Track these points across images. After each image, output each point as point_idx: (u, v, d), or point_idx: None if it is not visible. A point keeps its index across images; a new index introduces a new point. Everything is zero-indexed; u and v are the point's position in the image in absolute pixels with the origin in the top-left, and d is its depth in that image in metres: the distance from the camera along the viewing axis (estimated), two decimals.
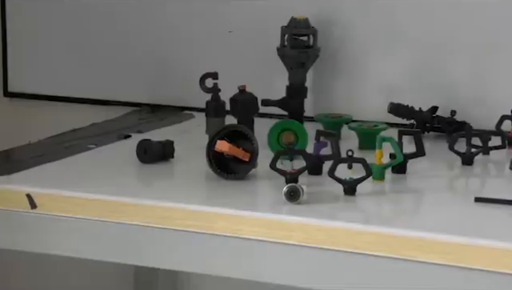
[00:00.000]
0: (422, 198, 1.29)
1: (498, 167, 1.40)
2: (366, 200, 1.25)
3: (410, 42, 1.62)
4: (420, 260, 1.11)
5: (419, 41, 1.61)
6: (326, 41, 1.63)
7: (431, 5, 1.59)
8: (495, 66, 1.57)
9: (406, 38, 1.62)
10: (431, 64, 1.61)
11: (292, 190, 1.22)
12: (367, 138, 1.46)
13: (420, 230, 1.13)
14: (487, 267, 1.09)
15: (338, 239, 1.15)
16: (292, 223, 1.18)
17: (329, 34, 1.64)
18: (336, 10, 1.64)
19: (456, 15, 1.58)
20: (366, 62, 1.64)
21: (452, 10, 1.58)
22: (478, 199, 1.22)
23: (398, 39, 1.62)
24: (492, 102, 1.56)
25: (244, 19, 1.71)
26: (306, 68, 1.60)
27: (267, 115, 1.60)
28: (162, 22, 1.77)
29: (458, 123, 1.52)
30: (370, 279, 1.15)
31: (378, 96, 1.62)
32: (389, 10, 1.62)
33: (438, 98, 1.58)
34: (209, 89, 1.48)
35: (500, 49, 1.56)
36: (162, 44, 1.77)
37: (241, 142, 1.33)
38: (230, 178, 1.31)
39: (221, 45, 1.73)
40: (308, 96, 1.61)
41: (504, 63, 1.56)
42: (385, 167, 1.32)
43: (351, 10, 1.64)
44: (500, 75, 1.57)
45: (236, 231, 1.20)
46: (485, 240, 1.10)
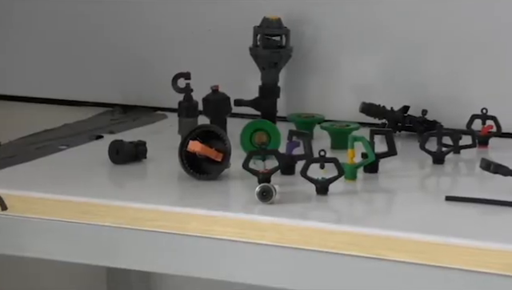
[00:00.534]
0: (393, 197, 1.30)
1: (469, 166, 1.42)
2: (339, 200, 1.25)
3: (381, 42, 1.63)
4: (392, 259, 1.12)
5: (391, 41, 1.62)
6: (299, 41, 1.64)
7: (403, 5, 1.60)
8: (466, 65, 1.58)
9: (377, 38, 1.63)
10: (403, 64, 1.62)
11: (264, 190, 1.22)
12: (339, 137, 1.46)
13: (392, 229, 1.14)
14: (459, 266, 1.10)
15: (310, 239, 1.16)
16: (264, 223, 1.18)
17: (301, 34, 1.64)
18: (308, 10, 1.65)
19: (427, 15, 1.59)
20: (339, 62, 1.65)
21: (424, 9, 1.59)
22: (449, 198, 1.23)
23: (370, 39, 1.63)
24: (462, 102, 1.57)
25: (216, 19, 1.71)
26: (278, 68, 1.60)
27: (240, 115, 1.60)
28: (135, 22, 1.76)
29: (429, 123, 1.53)
30: (343, 279, 1.15)
31: (350, 96, 1.63)
32: (361, 10, 1.63)
33: (410, 97, 1.59)
34: (181, 89, 1.48)
35: (471, 48, 1.57)
36: (134, 44, 1.76)
37: (213, 142, 1.32)
38: (202, 178, 1.31)
39: (193, 45, 1.72)
40: (281, 96, 1.62)
41: (474, 63, 1.58)
42: (357, 167, 1.32)
43: (323, 10, 1.64)
44: (470, 75, 1.58)
45: (208, 232, 1.20)
46: (456, 239, 1.10)
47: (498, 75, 1.56)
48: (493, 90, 1.56)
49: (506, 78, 1.56)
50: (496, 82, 1.57)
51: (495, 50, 1.56)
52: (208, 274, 1.22)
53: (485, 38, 1.56)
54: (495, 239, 1.10)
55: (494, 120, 1.49)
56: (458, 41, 1.58)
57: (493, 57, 1.56)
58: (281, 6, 1.64)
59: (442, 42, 1.59)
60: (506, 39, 1.55)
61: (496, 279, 1.08)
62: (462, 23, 1.57)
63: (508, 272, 1.07)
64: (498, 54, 1.56)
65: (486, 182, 1.32)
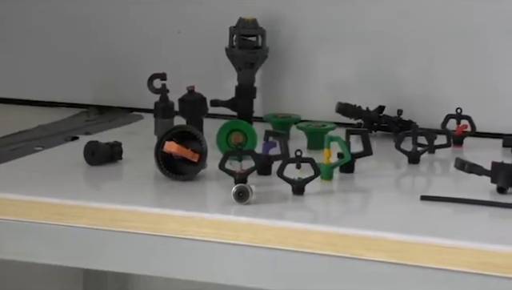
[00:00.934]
0: (369, 197, 1.31)
1: (444, 166, 1.43)
2: (315, 200, 1.26)
3: (357, 42, 1.63)
4: (367, 259, 1.12)
5: (367, 41, 1.63)
6: (275, 41, 1.64)
7: (379, 5, 1.61)
8: (441, 66, 1.59)
9: (353, 38, 1.63)
10: (378, 64, 1.62)
11: (241, 190, 1.22)
12: (315, 137, 1.47)
13: (367, 229, 1.15)
14: (434, 265, 1.10)
15: (286, 239, 1.16)
16: (241, 224, 1.18)
17: (277, 34, 1.65)
18: (284, 11, 1.65)
19: (403, 15, 1.60)
20: (315, 62, 1.66)
21: (399, 10, 1.60)
22: (424, 198, 1.24)
23: (346, 39, 1.64)
24: (437, 102, 1.58)
25: (193, 20, 1.70)
26: (254, 68, 1.61)
27: (216, 116, 1.60)
28: (110, 23, 1.75)
29: (404, 122, 1.54)
30: (319, 279, 1.16)
31: (327, 96, 1.63)
32: (336, 10, 1.63)
33: (385, 97, 1.59)
34: (157, 90, 1.48)
35: (445, 49, 1.59)
36: (110, 45, 1.76)
37: (189, 142, 1.32)
38: (178, 179, 1.31)
39: (169, 45, 1.72)
40: (257, 96, 1.62)
41: (449, 63, 1.59)
42: (333, 167, 1.33)
43: (299, 10, 1.65)
44: (445, 75, 1.59)
45: (184, 233, 1.19)
46: (431, 238, 1.11)
47: (473, 75, 1.58)
48: (467, 90, 1.58)
49: (480, 78, 1.57)
50: (470, 82, 1.58)
51: (470, 51, 1.57)
52: (184, 275, 1.22)
53: (459, 38, 1.57)
54: (470, 238, 1.11)
55: (469, 120, 1.50)
56: (433, 41, 1.59)
57: (467, 57, 1.57)
58: (256, 6, 1.64)
59: (417, 42, 1.60)
60: (480, 40, 1.57)
61: (470, 277, 1.09)
62: (437, 24, 1.58)
63: (482, 271, 1.08)
64: (472, 55, 1.57)
65: (460, 181, 1.33)
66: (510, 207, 1.21)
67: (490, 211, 1.20)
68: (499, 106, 1.56)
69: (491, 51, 1.56)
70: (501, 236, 1.13)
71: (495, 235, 1.14)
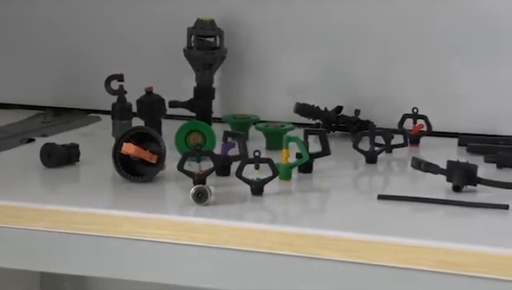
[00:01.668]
0: (327, 196, 1.32)
1: (401, 165, 1.44)
2: (273, 200, 1.26)
3: (315, 42, 1.64)
4: (325, 258, 1.13)
5: (325, 42, 1.63)
6: (233, 42, 1.64)
7: (337, 6, 1.62)
8: (397, 66, 1.61)
9: (311, 38, 1.64)
10: (336, 64, 1.63)
11: (199, 191, 1.22)
12: (274, 138, 1.47)
13: (325, 228, 1.15)
14: (391, 264, 1.11)
15: (244, 240, 1.16)
16: (199, 225, 1.18)
17: (235, 34, 1.65)
18: (242, 11, 1.65)
19: (360, 16, 1.61)
20: (273, 63, 1.66)
21: (357, 10, 1.61)
22: (381, 197, 1.25)
23: (304, 40, 1.64)
24: (394, 102, 1.59)
25: (150, 20, 1.70)
26: (213, 69, 1.60)
27: (175, 117, 1.59)
28: (67, 23, 1.74)
29: (362, 122, 1.55)
30: (277, 279, 1.16)
31: (285, 96, 1.64)
32: (294, 11, 1.64)
33: (343, 97, 1.60)
34: (114, 91, 1.47)
35: (402, 49, 1.60)
36: (67, 45, 1.74)
37: (148, 144, 1.32)
38: (136, 180, 1.30)
39: (127, 46, 1.71)
40: (216, 97, 1.62)
41: (405, 63, 1.60)
42: (291, 167, 1.33)
43: (257, 11, 1.65)
44: (402, 75, 1.60)
45: (143, 234, 1.19)
46: (388, 237, 1.12)
47: (429, 75, 1.59)
48: (423, 90, 1.59)
49: (435, 77, 1.59)
50: (426, 82, 1.59)
51: (426, 51, 1.59)
52: (142, 276, 1.21)
53: (415, 38, 1.59)
54: (426, 237, 1.12)
55: (425, 119, 1.51)
56: (390, 41, 1.60)
57: (423, 57, 1.59)
58: (214, 7, 1.64)
59: (374, 42, 1.61)
60: (436, 40, 1.58)
61: (427, 275, 1.10)
62: (393, 24, 1.60)
63: (439, 269, 1.10)
64: (428, 55, 1.59)
65: (417, 180, 1.34)
66: (465, 205, 1.22)
67: (446, 210, 1.22)
68: (455, 106, 1.58)
69: (447, 52, 1.58)
70: (457, 234, 1.14)
71: (451, 233, 1.15)
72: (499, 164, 1.39)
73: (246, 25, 1.66)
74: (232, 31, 1.64)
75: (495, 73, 1.56)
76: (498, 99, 1.56)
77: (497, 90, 1.56)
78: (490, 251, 1.08)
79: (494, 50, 1.55)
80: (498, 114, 1.56)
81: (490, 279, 1.07)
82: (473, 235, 1.14)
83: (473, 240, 1.11)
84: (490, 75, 1.56)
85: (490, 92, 1.56)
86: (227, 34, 1.61)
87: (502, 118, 1.55)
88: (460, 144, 1.50)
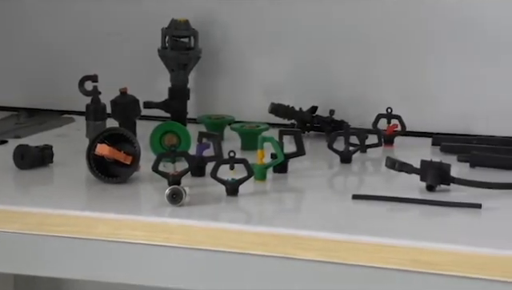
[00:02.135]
0: (302, 196, 1.32)
1: (375, 165, 1.45)
2: (248, 200, 1.26)
3: (290, 43, 1.64)
4: (300, 258, 1.13)
5: (299, 42, 1.64)
6: (208, 42, 1.64)
7: (312, 6, 1.62)
8: (371, 66, 1.61)
9: (286, 39, 1.64)
10: (311, 64, 1.64)
11: (174, 192, 1.22)
12: (249, 138, 1.47)
13: (300, 228, 1.15)
14: (365, 263, 1.12)
15: (219, 240, 1.16)
16: (174, 226, 1.18)
17: (210, 35, 1.65)
18: (216, 12, 1.65)
19: (335, 16, 1.62)
20: (248, 63, 1.66)
21: (332, 11, 1.62)
22: (356, 197, 1.26)
23: (279, 40, 1.65)
24: (368, 102, 1.60)
25: (125, 21, 1.69)
26: (187, 70, 1.60)
27: (150, 118, 1.59)
28: (40, 23, 1.73)
29: (336, 122, 1.55)
30: (252, 279, 1.16)
31: (260, 97, 1.64)
32: (269, 11, 1.64)
33: (318, 98, 1.61)
34: (88, 92, 1.46)
35: (376, 50, 1.61)
36: (40, 46, 1.73)
37: (122, 145, 1.31)
38: (111, 181, 1.30)
39: (101, 47, 1.70)
40: (191, 98, 1.62)
41: (379, 63, 1.61)
42: (266, 167, 1.33)
43: (232, 11, 1.65)
44: (376, 75, 1.61)
45: (117, 236, 1.18)
46: (362, 237, 1.13)
47: (403, 75, 1.60)
48: (397, 90, 1.60)
49: (409, 78, 1.60)
50: (400, 82, 1.60)
51: (399, 51, 1.60)
52: (117, 278, 1.21)
53: (389, 39, 1.60)
54: (400, 236, 1.12)
55: (399, 119, 1.52)
56: (364, 42, 1.61)
57: (397, 58, 1.60)
58: (189, 7, 1.64)
59: (348, 43, 1.62)
60: (410, 40, 1.59)
61: (402, 275, 1.11)
62: (367, 25, 1.60)
63: (413, 268, 1.10)
64: (402, 55, 1.60)
65: (391, 180, 1.35)
66: (438, 204, 1.23)
67: (420, 209, 1.23)
68: (429, 106, 1.59)
69: (421, 52, 1.59)
70: (431, 234, 1.15)
71: (425, 232, 1.16)
72: (472, 163, 1.40)
73: (220, 25, 1.65)
74: (206, 31, 1.63)
75: (469, 73, 1.57)
76: (472, 99, 1.57)
77: (470, 91, 1.57)
78: (464, 249, 1.09)
79: (467, 50, 1.56)
80: (471, 114, 1.57)
81: (464, 277, 1.08)
82: (446, 234, 1.14)
83: (446, 239, 1.11)
84: (464, 75, 1.57)
85: (464, 92, 1.57)
86: (201, 34, 1.61)
87: (475, 118, 1.57)
88: (434, 144, 1.51)
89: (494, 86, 1.56)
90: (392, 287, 1.11)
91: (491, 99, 1.56)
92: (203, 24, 1.63)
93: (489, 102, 1.56)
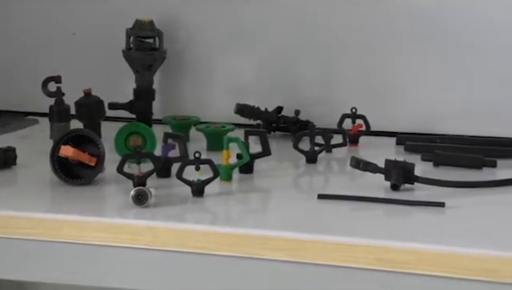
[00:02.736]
0: (268, 197, 1.32)
1: (340, 164, 1.45)
2: (214, 201, 1.26)
3: (255, 43, 1.65)
4: (266, 258, 1.13)
5: (265, 42, 1.64)
6: (173, 43, 1.63)
7: (276, 6, 1.62)
8: (336, 66, 1.62)
9: (251, 39, 1.65)
10: (276, 65, 1.64)
11: (139, 193, 1.21)
12: (215, 139, 1.47)
13: (266, 228, 1.16)
14: (331, 263, 1.12)
15: (185, 241, 1.16)
16: (139, 227, 1.17)
17: (175, 36, 1.64)
18: (181, 12, 1.65)
19: (300, 16, 1.62)
20: (213, 64, 1.66)
21: (296, 11, 1.62)
22: (321, 196, 1.26)
23: (244, 40, 1.65)
24: (333, 102, 1.61)
25: (88, 21, 1.68)
26: (152, 70, 1.60)
27: (115, 119, 1.58)
28: (2, 22, 1.71)
29: (302, 123, 1.56)
30: (218, 280, 1.16)
31: (225, 97, 1.64)
32: (234, 12, 1.64)
33: (283, 98, 1.61)
34: (52, 93, 1.45)
35: (340, 50, 1.61)
36: (3, 46, 1.71)
37: (86, 146, 1.31)
38: (75, 183, 1.29)
39: (64, 47, 1.69)
40: (156, 98, 1.61)
41: (344, 63, 1.62)
42: (232, 168, 1.33)
43: (196, 12, 1.65)
44: (341, 75, 1.62)
45: (82, 238, 1.18)
46: (328, 236, 1.13)
47: (367, 75, 1.61)
48: (362, 90, 1.61)
49: (373, 77, 1.61)
50: (365, 82, 1.61)
51: (364, 51, 1.61)
52: (83, 280, 1.20)
53: (353, 39, 1.61)
54: (365, 235, 1.13)
55: (364, 119, 1.53)
56: (329, 42, 1.62)
57: (361, 58, 1.61)
58: (153, 8, 1.63)
59: (313, 43, 1.62)
60: (373, 40, 1.60)
61: (366, 273, 1.11)
62: (331, 25, 1.61)
63: (378, 267, 1.11)
64: (366, 55, 1.61)
65: (356, 179, 1.36)
66: (402, 203, 1.24)
67: (385, 208, 1.24)
68: (393, 106, 1.60)
69: (384, 52, 1.60)
70: (395, 232, 1.16)
71: (389, 231, 1.16)
72: (436, 162, 1.41)
73: (185, 25, 1.65)
74: (171, 32, 1.63)
75: (432, 73, 1.58)
76: (435, 99, 1.59)
77: (433, 90, 1.59)
78: (428, 248, 1.10)
79: (431, 50, 1.58)
80: (434, 114, 1.59)
81: (428, 275, 1.09)
82: (410, 233, 1.15)
83: (410, 238, 1.12)
84: (428, 75, 1.59)
85: (427, 92, 1.59)
86: (166, 34, 1.60)
87: (439, 118, 1.58)
88: (398, 143, 1.52)
89: (458, 85, 1.58)
90: (356, 285, 1.12)
91: (455, 99, 1.58)
92: (168, 24, 1.62)
93: (452, 101, 1.58)
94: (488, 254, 1.07)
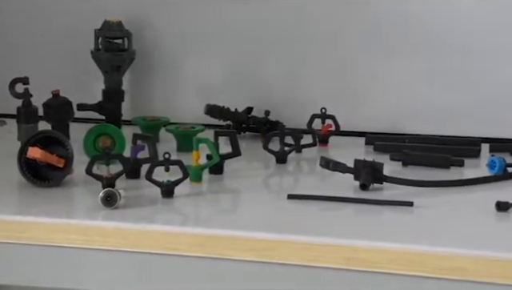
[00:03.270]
0: (238, 197, 1.32)
1: (310, 165, 1.46)
2: (184, 202, 1.26)
3: (225, 43, 1.64)
4: (236, 259, 1.14)
5: (234, 42, 1.64)
6: (141, 43, 1.63)
7: (245, 6, 1.62)
8: (306, 66, 1.63)
9: (221, 39, 1.64)
10: (246, 65, 1.64)
11: (108, 195, 1.21)
12: (184, 140, 1.47)
13: (235, 229, 1.16)
14: (301, 262, 1.12)
15: (155, 243, 1.16)
16: (109, 229, 1.17)
17: (143, 36, 1.64)
18: (149, 13, 1.64)
19: (269, 16, 1.62)
20: (183, 64, 1.66)
21: (265, 11, 1.62)
22: (291, 196, 1.27)
23: (214, 41, 1.65)
24: (303, 102, 1.61)
25: (56, 22, 1.67)
26: (121, 71, 1.59)
27: (83, 120, 1.57)
28: None
29: (271, 123, 1.56)
30: (188, 281, 1.16)
31: (195, 98, 1.64)
32: (203, 12, 1.64)
33: (253, 98, 1.61)
34: (19, 94, 1.44)
35: (310, 50, 1.62)
36: None
37: (54, 148, 1.30)
38: (43, 185, 1.28)
39: (32, 48, 1.68)
40: (125, 99, 1.60)
41: (314, 64, 1.62)
42: (202, 169, 1.33)
43: (165, 12, 1.64)
44: (310, 76, 1.62)
45: (50, 240, 1.17)
46: (297, 236, 1.13)
47: (336, 76, 1.62)
48: (331, 90, 1.62)
49: (343, 78, 1.62)
50: (334, 82, 1.62)
51: (333, 52, 1.61)
52: (52, 283, 1.19)
53: (323, 39, 1.61)
54: (334, 235, 1.14)
55: (333, 119, 1.54)
56: (298, 42, 1.62)
57: (331, 58, 1.61)
58: (121, 9, 1.62)
59: (282, 43, 1.62)
60: (343, 41, 1.61)
61: (336, 273, 1.12)
62: (301, 25, 1.62)
63: (347, 266, 1.11)
64: (336, 56, 1.61)
65: (326, 179, 1.36)
66: (371, 203, 1.25)
67: (354, 208, 1.24)
68: (362, 106, 1.61)
69: (354, 52, 1.60)
70: (364, 232, 1.16)
71: (359, 230, 1.17)
72: (404, 162, 1.42)
73: (154, 26, 1.65)
74: (140, 33, 1.62)
75: (401, 73, 1.59)
76: (404, 99, 1.60)
77: (402, 90, 1.60)
78: (396, 247, 1.10)
79: (399, 50, 1.59)
80: (403, 114, 1.60)
81: (396, 274, 1.10)
82: (379, 233, 1.16)
83: (380, 237, 1.13)
84: (396, 75, 1.60)
85: (396, 92, 1.60)
86: (135, 35, 1.60)
87: (408, 118, 1.59)
88: (367, 143, 1.53)
89: (426, 85, 1.59)
90: (327, 285, 1.12)
91: (424, 99, 1.59)
92: (137, 25, 1.62)
93: (421, 101, 1.59)
94: (456, 253, 1.08)
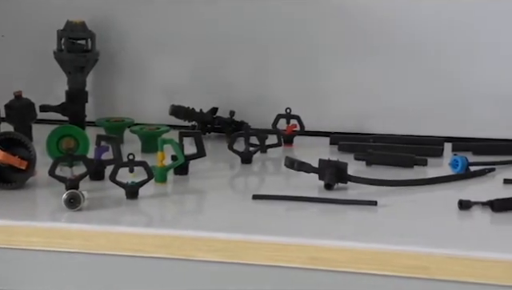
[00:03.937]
0: (203, 198, 1.32)
1: (275, 165, 1.46)
2: (149, 203, 1.25)
3: (189, 44, 1.64)
4: (200, 259, 1.13)
5: (198, 43, 1.64)
6: (105, 44, 1.62)
7: (210, 6, 1.62)
8: (271, 67, 1.63)
9: (185, 40, 1.64)
10: (210, 65, 1.64)
11: (72, 196, 1.20)
12: (149, 140, 1.46)
13: (200, 229, 1.15)
14: (265, 263, 1.13)
15: (119, 244, 1.15)
16: (72, 231, 1.16)
17: (107, 37, 1.63)
18: (113, 13, 1.63)
19: (234, 17, 1.62)
20: (147, 65, 1.65)
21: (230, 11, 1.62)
22: (256, 197, 1.27)
23: (178, 41, 1.64)
24: (268, 102, 1.62)
25: (18, 22, 1.65)
26: (85, 72, 1.58)
27: (46, 121, 1.56)
28: None
29: (237, 123, 1.56)
30: (154, 282, 1.15)
31: (160, 99, 1.63)
32: (167, 12, 1.63)
33: (218, 99, 1.61)
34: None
35: (275, 49, 1.62)
36: None
37: (17, 149, 1.29)
38: (5, 187, 1.27)
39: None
40: (89, 100, 1.59)
41: (279, 64, 1.63)
42: (167, 169, 1.33)
43: (129, 13, 1.64)
44: (275, 76, 1.63)
45: (13, 243, 1.16)
46: (262, 236, 1.13)
47: (301, 76, 1.62)
48: (296, 90, 1.62)
49: (307, 78, 1.62)
50: (299, 82, 1.62)
51: (297, 52, 1.62)
52: (14, 286, 1.18)
53: (288, 39, 1.61)
54: (298, 235, 1.14)
55: (298, 119, 1.54)
56: (263, 42, 1.62)
57: (295, 58, 1.62)
58: (85, 9, 1.61)
59: (246, 43, 1.63)
60: (307, 41, 1.61)
61: (300, 273, 1.12)
62: (265, 25, 1.62)
63: (311, 265, 1.12)
64: (300, 56, 1.62)
65: (291, 179, 1.37)
66: (336, 202, 1.25)
67: (318, 208, 1.25)
68: (326, 106, 1.61)
69: (318, 52, 1.61)
70: (328, 231, 1.17)
71: (323, 230, 1.17)
72: (368, 162, 1.43)
73: (117, 26, 1.64)
74: (104, 33, 1.61)
75: (365, 73, 1.60)
76: (368, 99, 1.61)
77: (366, 90, 1.61)
78: (360, 246, 1.11)
79: (363, 50, 1.60)
80: (367, 113, 1.61)
81: (361, 273, 1.11)
82: (343, 232, 1.17)
83: (344, 237, 1.14)
84: (360, 75, 1.60)
85: (360, 92, 1.61)
86: (99, 36, 1.59)
87: (372, 117, 1.60)
88: (332, 143, 1.53)
89: (389, 85, 1.60)
90: (291, 285, 1.13)
91: (387, 99, 1.60)
92: (100, 26, 1.61)
93: (384, 101, 1.60)
94: (419, 251, 1.09)
